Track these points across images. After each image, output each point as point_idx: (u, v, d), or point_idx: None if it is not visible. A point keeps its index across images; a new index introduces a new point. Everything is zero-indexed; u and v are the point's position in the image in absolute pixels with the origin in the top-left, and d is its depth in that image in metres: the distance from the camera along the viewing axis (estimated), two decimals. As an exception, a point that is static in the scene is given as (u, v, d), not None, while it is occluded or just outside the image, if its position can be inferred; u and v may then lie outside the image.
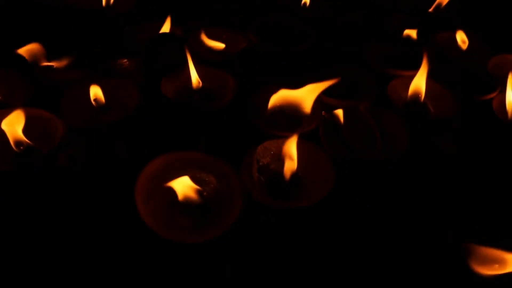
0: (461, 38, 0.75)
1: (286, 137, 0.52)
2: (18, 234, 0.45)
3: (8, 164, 0.50)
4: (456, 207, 0.51)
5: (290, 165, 0.48)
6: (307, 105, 0.54)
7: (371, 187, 0.51)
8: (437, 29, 0.78)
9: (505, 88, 0.63)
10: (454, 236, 0.48)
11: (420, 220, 0.50)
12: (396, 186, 0.52)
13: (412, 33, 0.75)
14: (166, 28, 0.69)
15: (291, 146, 0.47)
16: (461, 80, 0.68)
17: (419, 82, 0.62)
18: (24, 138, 0.50)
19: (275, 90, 0.57)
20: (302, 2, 0.81)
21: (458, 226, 0.50)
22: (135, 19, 0.75)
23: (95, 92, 0.55)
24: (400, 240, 0.48)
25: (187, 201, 0.45)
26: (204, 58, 0.67)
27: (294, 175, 0.50)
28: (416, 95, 0.62)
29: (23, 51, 0.60)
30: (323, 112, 0.54)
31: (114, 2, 0.77)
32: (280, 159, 0.50)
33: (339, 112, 0.54)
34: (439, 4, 0.82)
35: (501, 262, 0.41)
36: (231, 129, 0.56)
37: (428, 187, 0.53)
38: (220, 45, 0.68)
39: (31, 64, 0.59)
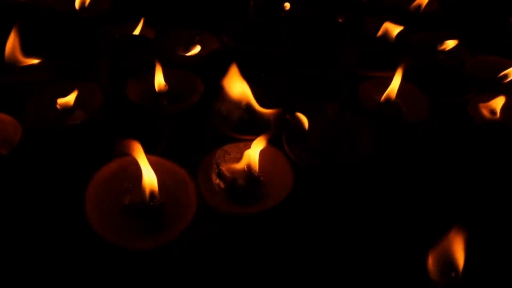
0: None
1: (248, 140, 0.52)
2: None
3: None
4: (422, 211, 0.50)
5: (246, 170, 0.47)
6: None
7: (332, 191, 0.50)
8: (416, 29, 0.76)
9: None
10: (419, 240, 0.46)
11: (384, 224, 0.48)
12: (359, 190, 0.50)
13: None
14: (137, 30, 0.68)
15: (253, 153, 0.46)
16: (437, 81, 0.67)
17: (393, 87, 0.60)
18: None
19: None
20: (283, 5, 0.80)
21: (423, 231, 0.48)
22: (110, 20, 0.75)
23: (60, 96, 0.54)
24: (361, 244, 0.47)
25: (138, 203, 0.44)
26: (175, 60, 0.66)
27: (256, 179, 0.49)
28: (389, 99, 0.60)
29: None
30: (287, 115, 0.53)
31: (89, 3, 0.77)
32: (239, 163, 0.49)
33: (303, 115, 0.53)
34: (419, 5, 0.81)
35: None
36: (194, 132, 0.55)
37: (393, 191, 0.51)
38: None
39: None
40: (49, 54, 0.63)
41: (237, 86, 0.52)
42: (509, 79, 0.65)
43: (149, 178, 0.45)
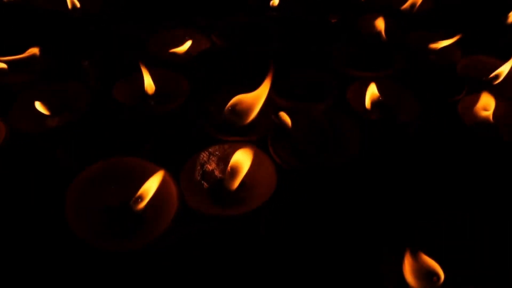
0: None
1: (233, 142, 0.51)
2: None
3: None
4: (407, 213, 0.49)
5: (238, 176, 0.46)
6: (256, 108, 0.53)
7: (318, 193, 0.49)
8: (409, 29, 0.75)
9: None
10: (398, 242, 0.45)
11: (368, 225, 0.48)
12: (345, 192, 0.50)
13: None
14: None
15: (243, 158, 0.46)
16: (429, 81, 0.66)
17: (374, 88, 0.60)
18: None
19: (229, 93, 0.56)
20: (271, 3, 0.79)
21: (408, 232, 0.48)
22: (101, 20, 0.75)
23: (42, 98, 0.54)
24: (348, 245, 0.46)
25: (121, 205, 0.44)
26: (164, 60, 0.66)
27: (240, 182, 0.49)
28: (377, 100, 0.60)
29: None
30: (273, 116, 0.52)
31: (81, 4, 0.76)
32: (225, 164, 0.49)
33: (289, 116, 0.52)
34: (413, 4, 0.80)
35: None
36: (181, 133, 0.55)
37: (379, 193, 0.51)
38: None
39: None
40: (38, 53, 0.63)
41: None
42: (499, 80, 0.64)
43: (148, 187, 0.45)
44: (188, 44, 0.68)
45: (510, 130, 0.59)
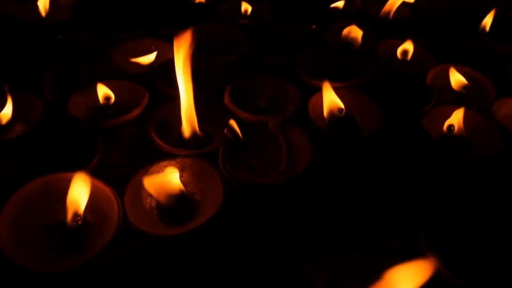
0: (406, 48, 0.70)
1: (184, 156, 0.50)
2: None
3: None
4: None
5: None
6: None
7: (264, 210, 0.48)
8: (381, 37, 0.74)
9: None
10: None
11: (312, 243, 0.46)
12: (293, 207, 0.48)
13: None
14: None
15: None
16: (396, 92, 0.64)
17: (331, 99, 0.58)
18: None
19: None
20: (243, 10, 0.78)
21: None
22: (69, 29, 0.74)
23: None
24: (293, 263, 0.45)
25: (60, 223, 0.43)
26: (126, 69, 0.65)
27: (186, 198, 0.47)
28: (334, 111, 0.58)
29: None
30: (225, 129, 0.51)
31: (49, 11, 0.76)
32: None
33: (244, 129, 0.51)
34: (388, 12, 0.79)
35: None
36: (133, 146, 0.54)
37: (327, 210, 0.49)
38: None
39: None
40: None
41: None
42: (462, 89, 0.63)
43: (74, 197, 0.44)
44: (153, 55, 0.67)
45: (480, 145, 0.57)
